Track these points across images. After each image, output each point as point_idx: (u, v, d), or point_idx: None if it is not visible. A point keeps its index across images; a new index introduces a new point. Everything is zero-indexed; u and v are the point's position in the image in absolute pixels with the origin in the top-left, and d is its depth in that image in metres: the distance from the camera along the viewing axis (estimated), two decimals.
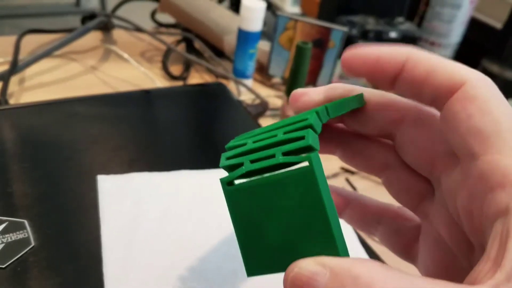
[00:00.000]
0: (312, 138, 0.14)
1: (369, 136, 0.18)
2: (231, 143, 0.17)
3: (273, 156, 0.14)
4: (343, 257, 0.13)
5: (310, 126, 0.14)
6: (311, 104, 0.17)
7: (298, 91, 0.17)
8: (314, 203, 0.14)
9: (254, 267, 0.16)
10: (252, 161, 0.15)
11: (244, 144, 0.16)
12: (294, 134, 0.14)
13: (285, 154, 0.14)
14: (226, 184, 0.15)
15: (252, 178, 0.15)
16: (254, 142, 0.16)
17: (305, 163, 0.14)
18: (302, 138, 0.14)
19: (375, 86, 0.17)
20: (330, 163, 0.44)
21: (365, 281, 0.12)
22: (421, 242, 0.18)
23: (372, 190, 0.43)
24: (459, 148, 0.14)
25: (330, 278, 0.12)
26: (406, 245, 0.18)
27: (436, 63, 0.15)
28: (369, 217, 0.19)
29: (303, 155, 0.14)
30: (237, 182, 0.15)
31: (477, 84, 0.14)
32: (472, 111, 0.14)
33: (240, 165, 0.15)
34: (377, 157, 0.18)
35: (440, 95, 0.15)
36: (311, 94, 0.17)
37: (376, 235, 0.19)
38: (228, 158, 0.16)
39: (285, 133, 0.15)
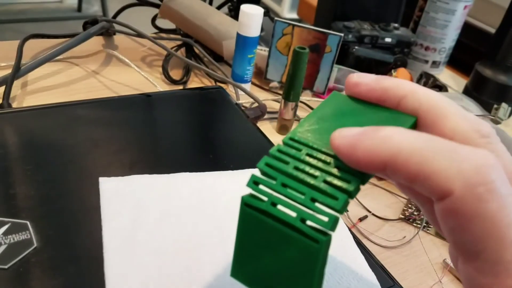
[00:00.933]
0: (342, 206, 0.15)
1: None
2: (281, 148, 0.17)
3: (301, 197, 0.15)
4: None
5: (348, 193, 0.15)
6: (367, 95, 0.17)
7: (355, 79, 0.17)
8: (307, 272, 0.15)
9: (239, 273, 0.17)
10: (281, 190, 0.16)
11: (287, 163, 0.16)
12: (331, 190, 0.15)
13: (313, 199, 0.15)
14: (245, 204, 0.16)
15: (270, 214, 0.16)
16: (295, 167, 0.16)
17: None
18: (336, 198, 0.15)
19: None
20: None
21: None
22: None
23: (368, 190, 0.44)
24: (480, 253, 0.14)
25: None
26: None
27: (426, 166, 0.13)
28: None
29: (319, 233, 0.15)
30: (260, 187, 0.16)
31: (463, 197, 0.13)
32: (454, 227, 0.13)
33: (269, 186, 0.16)
34: None
35: (430, 196, 0.14)
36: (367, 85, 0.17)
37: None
38: (267, 165, 0.16)
39: (325, 181, 0.15)
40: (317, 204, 0.15)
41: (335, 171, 0.15)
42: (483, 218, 0.13)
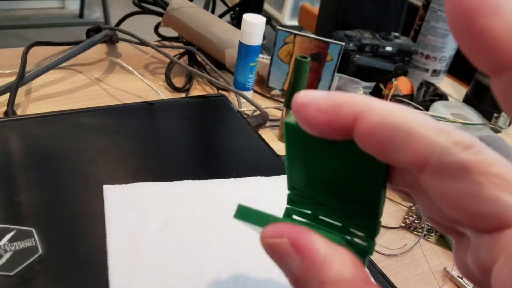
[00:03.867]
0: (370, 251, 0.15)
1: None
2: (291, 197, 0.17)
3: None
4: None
5: (367, 252, 0.15)
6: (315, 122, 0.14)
7: (301, 98, 0.14)
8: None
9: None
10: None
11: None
12: (358, 237, 0.16)
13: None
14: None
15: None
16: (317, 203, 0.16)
17: None
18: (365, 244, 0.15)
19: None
20: None
21: (333, 279, 0.12)
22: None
23: None
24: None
25: (299, 267, 0.13)
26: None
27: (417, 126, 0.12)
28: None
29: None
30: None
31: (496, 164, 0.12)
32: (486, 183, 0.12)
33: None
34: None
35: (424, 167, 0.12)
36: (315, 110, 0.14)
37: None
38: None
39: (352, 228, 0.16)
40: None
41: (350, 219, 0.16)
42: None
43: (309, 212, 0.17)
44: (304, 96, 0.14)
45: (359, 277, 0.12)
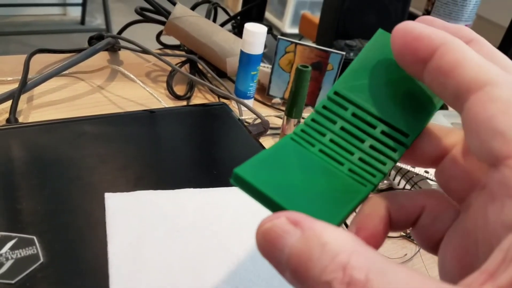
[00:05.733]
0: (389, 169, 0.17)
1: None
2: (326, 103, 0.17)
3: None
4: (319, 220, 0.13)
5: (394, 160, 0.17)
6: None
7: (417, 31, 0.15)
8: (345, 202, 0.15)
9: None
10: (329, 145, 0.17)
11: (334, 122, 0.17)
12: (377, 155, 0.17)
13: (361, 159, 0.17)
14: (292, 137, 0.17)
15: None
16: (342, 128, 0.17)
17: None
18: (383, 163, 0.17)
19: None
20: None
21: (332, 248, 0.12)
22: (449, 234, 0.17)
23: None
24: (481, 152, 0.13)
25: (299, 240, 0.12)
26: (434, 235, 0.17)
27: (466, 57, 0.14)
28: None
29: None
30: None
31: (502, 85, 0.13)
32: (494, 112, 0.13)
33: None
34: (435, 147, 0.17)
35: (462, 92, 0.13)
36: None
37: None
38: (313, 121, 0.17)
39: (371, 147, 0.17)
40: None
41: (381, 136, 0.16)
42: None
43: (329, 128, 0.17)
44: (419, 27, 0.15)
45: (358, 240, 0.13)
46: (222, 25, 0.69)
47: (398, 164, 0.44)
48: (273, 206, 0.14)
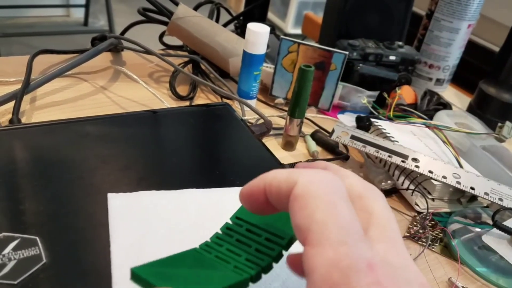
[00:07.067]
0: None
1: None
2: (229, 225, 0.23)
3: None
4: None
5: (272, 258, 0.20)
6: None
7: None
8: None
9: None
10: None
11: (231, 236, 0.23)
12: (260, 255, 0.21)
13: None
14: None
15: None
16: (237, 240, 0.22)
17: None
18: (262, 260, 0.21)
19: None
20: None
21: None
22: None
23: None
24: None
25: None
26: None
27: (276, 175, 0.18)
28: None
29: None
30: None
31: (304, 183, 0.16)
32: (295, 209, 0.16)
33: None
34: None
35: (286, 199, 0.17)
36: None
37: None
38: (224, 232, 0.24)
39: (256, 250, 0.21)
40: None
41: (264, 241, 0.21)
42: (321, 195, 0.16)
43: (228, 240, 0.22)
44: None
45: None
46: (225, 25, 0.69)
47: (402, 164, 0.44)
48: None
